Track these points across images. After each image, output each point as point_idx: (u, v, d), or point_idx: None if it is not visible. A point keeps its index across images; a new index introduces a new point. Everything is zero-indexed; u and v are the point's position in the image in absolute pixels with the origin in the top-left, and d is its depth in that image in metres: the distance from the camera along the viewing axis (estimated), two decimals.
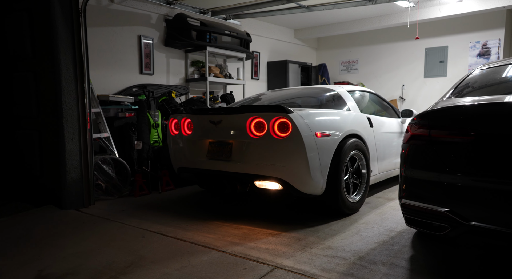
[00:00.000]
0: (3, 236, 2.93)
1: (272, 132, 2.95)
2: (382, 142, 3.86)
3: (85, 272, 2.25)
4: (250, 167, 3.07)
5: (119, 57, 5.50)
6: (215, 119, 3.25)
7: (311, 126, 2.95)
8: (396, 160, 4.17)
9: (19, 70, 3.94)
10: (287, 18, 7.74)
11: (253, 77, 8.03)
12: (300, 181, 2.94)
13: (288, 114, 2.90)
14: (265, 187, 3.11)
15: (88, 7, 4.42)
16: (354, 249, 2.56)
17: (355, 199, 3.38)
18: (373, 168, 3.69)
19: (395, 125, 4.23)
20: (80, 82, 3.73)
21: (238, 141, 3.13)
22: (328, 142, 3.05)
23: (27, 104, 3.89)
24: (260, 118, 3.00)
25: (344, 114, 3.44)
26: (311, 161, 2.90)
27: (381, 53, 8.85)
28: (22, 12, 3.80)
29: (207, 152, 3.33)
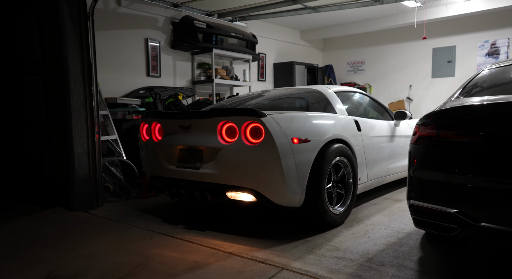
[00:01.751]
0: (14, 237, 2.96)
1: (244, 138, 2.67)
2: (372, 147, 3.55)
3: (94, 273, 2.26)
4: (222, 177, 2.79)
5: (127, 60, 5.54)
6: (184, 124, 3.00)
7: (287, 131, 2.66)
8: (389, 166, 3.89)
9: (29, 73, 3.99)
10: (293, 20, 7.74)
11: (259, 78, 8.04)
12: (275, 192, 2.67)
13: (261, 118, 2.61)
14: (238, 199, 2.80)
15: (96, 11, 4.47)
16: (362, 251, 2.54)
17: (338, 210, 3.05)
18: (361, 175, 3.38)
19: (387, 128, 3.92)
20: (88, 85, 3.77)
21: (209, 147, 2.85)
22: (307, 149, 2.75)
23: (36, 107, 3.94)
24: (231, 123, 2.74)
25: (326, 117, 3.13)
26: (286, 170, 2.61)
27: (388, 54, 8.81)
28: (31, 16, 3.85)
29: (177, 160, 3.06)
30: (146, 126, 3.34)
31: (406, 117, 4.02)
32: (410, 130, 4.31)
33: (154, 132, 3.27)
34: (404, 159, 4.14)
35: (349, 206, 3.17)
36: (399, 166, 4.07)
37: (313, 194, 2.80)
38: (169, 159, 3.14)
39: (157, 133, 3.26)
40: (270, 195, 2.68)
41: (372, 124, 3.67)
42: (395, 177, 4.08)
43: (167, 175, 3.16)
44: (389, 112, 4.23)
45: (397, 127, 4.09)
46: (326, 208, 2.88)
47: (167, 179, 3.17)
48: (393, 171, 3.97)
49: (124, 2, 5.45)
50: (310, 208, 2.83)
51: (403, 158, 4.12)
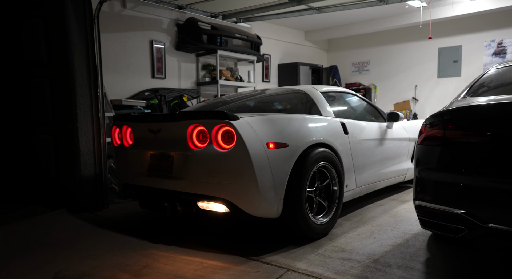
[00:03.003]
0: (21, 239, 2.99)
1: (215, 143, 2.46)
2: (360, 151, 3.32)
3: (100, 275, 2.27)
4: (193, 185, 2.58)
5: (132, 61, 5.57)
6: (154, 128, 2.78)
7: (261, 135, 2.44)
8: (381, 171, 3.65)
9: (35, 76, 4.02)
10: (298, 20, 7.74)
11: (264, 79, 8.04)
12: (248, 202, 2.44)
13: (232, 121, 2.38)
14: (211, 209, 2.58)
15: (101, 13, 4.50)
16: (368, 252, 2.53)
17: (322, 221, 2.79)
18: (349, 181, 3.16)
19: (378, 130, 3.66)
20: (94, 87, 3.80)
21: (180, 153, 2.63)
22: (284, 154, 2.53)
23: (43, 109, 3.97)
24: (202, 127, 2.51)
25: (308, 120, 2.89)
26: (260, 178, 2.38)
27: (393, 54, 8.77)
28: (37, 20, 3.88)
29: (148, 167, 2.84)
30: (117, 130, 3.11)
31: (399, 118, 3.81)
32: (404, 133, 4.08)
33: (126, 137, 3.04)
34: (398, 163, 3.94)
35: (334, 215, 2.92)
36: (392, 170, 3.84)
37: (292, 204, 2.57)
38: (140, 165, 2.91)
39: (128, 138, 3.04)
40: (244, 205, 2.45)
41: (361, 127, 3.44)
42: (388, 183, 3.86)
43: (139, 183, 2.94)
44: (382, 114, 3.99)
45: (390, 130, 3.85)
46: (307, 218, 2.65)
47: (139, 187, 2.95)
48: (385, 176, 3.74)
49: (129, 4, 5.49)
50: (289, 219, 2.60)
51: (396, 162, 3.91)
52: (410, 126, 4.27)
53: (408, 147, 4.12)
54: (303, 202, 2.61)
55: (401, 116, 3.82)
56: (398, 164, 3.94)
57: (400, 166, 3.98)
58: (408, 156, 4.14)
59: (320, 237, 2.79)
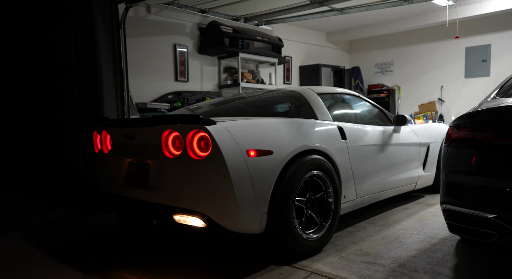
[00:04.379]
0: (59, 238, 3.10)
1: (190, 151, 2.21)
2: (361, 158, 3.03)
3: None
4: (168, 197, 2.36)
5: (156, 65, 5.70)
6: (129, 133, 2.57)
7: (241, 141, 2.20)
8: (387, 180, 3.33)
9: (65, 80, 4.18)
10: (319, 22, 7.69)
11: (285, 81, 8.03)
12: (226, 217, 2.20)
13: (207, 126, 2.14)
14: (188, 224, 2.33)
15: (127, 19, 4.63)
16: (393, 256, 2.48)
17: (313, 237, 2.51)
18: (347, 192, 2.88)
19: (383, 135, 3.34)
20: (120, 91, 3.91)
21: (155, 161, 2.41)
22: (268, 163, 2.28)
23: (71, 112, 4.11)
24: (177, 132, 2.29)
25: (298, 124, 2.63)
26: (238, 189, 2.14)
27: (417, 54, 8.57)
28: (67, 26, 4.04)
29: (125, 175, 2.63)
30: (98, 136, 2.90)
31: (406, 121, 3.47)
32: (414, 137, 3.74)
33: (105, 143, 2.82)
34: (407, 171, 3.61)
35: (328, 230, 2.64)
36: (400, 179, 3.52)
37: (277, 218, 2.31)
38: (118, 173, 2.69)
39: (108, 144, 2.82)
40: (221, 220, 2.20)
41: (362, 131, 3.14)
42: (396, 192, 3.54)
43: (117, 192, 2.73)
44: (390, 117, 3.66)
45: (397, 134, 3.51)
46: (296, 234, 2.38)
47: (117, 197, 2.74)
48: (392, 185, 3.41)
49: (154, 9, 5.62)
50: (275, 235, 2.35)
51: (405, 169, 3.58)
52: (421, 130, 3.93)
53: (418, 153, 3.78)
54: (290, 216, 2.35)
55: (408, 119, 3.49)
56: (407, 171, 3.61)
57: (410, 173, 3.65)
58: (419, 162, 3.81)
59: (312, 254, 2.52)
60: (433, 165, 3.98)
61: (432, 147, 3.95)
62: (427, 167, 3.90)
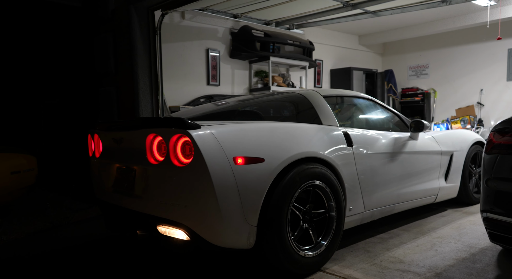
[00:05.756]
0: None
1: (173, 157, 2.06)
2: (370, 167, 2.76)
3: None
4: (152, 206, 2.22)
5: (189, 70, 5.84)
6: (116, 137, 2.46)
7: (228, 148, 2.02)
8: (401, 191, 3.04)
9: (103, 85, 4.38)
10: (351, 25, 7.59)
11: (315, 85, 7.98)
12: (210, 230, 2.02)
13: (190, 130, 1.97)
14: (172, 236, 2.16)
15: (162, 25, 4.79)
16: (429, 265, 2.40)
17: (310, 253, 2.28)
18: (353, 204, 2.64)
19: (396, 142, 3.05)
20: (155, 95, 4.04)
21: (141, 167, 2.27)
22: (258, 172, 2.08)
23: (109, 115, 4.30)
24: (160, 137, 2.14)
25: (296, 129, 2.42)
26: (223, 200, 1.97)
27: (455, 56, 8.26)
28: (107, 34, 4.24)
29: (113, 181, 2.50)
30: (91, 139, 2.79)
31: (424, 127, 3.16)
32: (434, 145, 3.42)
33: (98, 146, 2.71)
34: (426, 181, 3.29)
35: (329, 246, 2.39)
36: (417, 190, 3.21)
37: (268, 233, 2.10)
38: (107, 179, 2.57)
39: (101, 147, 2.69)
40: (205, 233, 2.02)
41: (372, 138, 2.87)
42: (412, 205, 3.25)
43: (106, 199, 2.60)
44: (407, 123, 3.36)
45: (414, 141, 3.21)
46: (290, 250, 2.17)
47: (106, 204, 2.62)
48: (407, 197, 3.12)
49: (188, 15, 5.77)
50: (265, 251, 2.14)
51: (423, 180, 3.27)
52: (443, 137, 3.60)
53: (440, 162, 3.45)
54: (283, 230, 2.14)
55: (426, 125, 3.17)
56: (425, 182, 3.30)
57: (429, 184, 3.34)
58: (440, 173, 3.47)
59: (309, 273, 2.29)
60: (457, 176, 3.65)
61: (456, 156, 3.60)
62: (450, 178, 3.57)
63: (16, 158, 3.68)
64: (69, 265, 2.60)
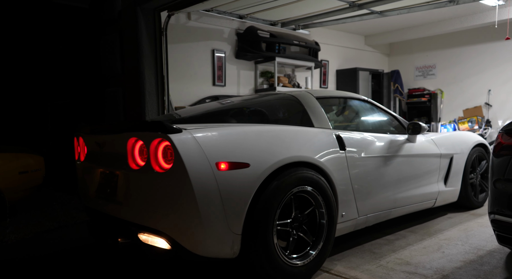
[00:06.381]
0: None
1: (154, 162, 1.98)
2: (364, 171, 2.65)
3: None
4: (133, 213, 2.14)
5: (195, 70, 5.86)
6: (99, 140, 2.39)
7: (210, 153, 1.94)
8: (397, 196, 2.93)
9: (110, 86, 4.41)
10: (357, 25, 7.56)
11: (321, 85, 7.96)
12: (191, 239, 1.93)
13: (170, 134, 1.89)
14: (153, 244, 2.08)
15: (169, 26, 4.81)
16: (436, 267, 2.38)
17: (299, 263, 2.18)
18: (346, 210, 2.53)
19: (393, 145, 2.94)
20: (161, 95, 4.06)
21: (123, 173, 2.20)
22: (243, 177, 1.99)
23: (116, 116, 4.33)
24: (141, 141, 2.06)
25: (284, 132, 2.31)
26: (204, 208, 1.88)
27: (462, 56, 8.19)
28: (114, 34, 4.27)
29: (97, 186, 2.43)
30: (76, 143, 2.71)
31: (421, 130, 3.06)
32: (433, 147, 3.32)
33: (82, 150, 2.64)
34: (424, 185, 3.19)
35: (319, 254, 2.28)
36: (415, 194, 3.11)
37: (254, 242, 2.01)
38: (91, 184, 2.49)
39: (85, 151, 2.62)
40: (186, 242, 1.94)
41: (366, 141, 2.76)
42: (410, 210, 3.14)
43: (91, 205, 2.52)
44: (404, 125, 3.26)
45: (412, 144, 3.11)
46: (276, 260, 2.07)
47: (90, 209, 2.54)
48: (404, 201, 3.02)
49: (194, 16, 5.79)
50: (251, 261, 2.04)
51: (421, 184, 3.16)
52: (442, 139, 3.48)
53: (439, 165, 3.34)
54: (270, 239, 2.04)
55: (424, 127, 3.07)
56: (423, 186, 3.18)
57: (427, 188, 3.23)
58: (439, 176, 3.36)
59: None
60: (458, 179, 3.53)
61: (456, 159, 3.48)
62: (450, 182, 3.45)
63: (24, 158, 3.71)
64: (76, 266, 2.62)
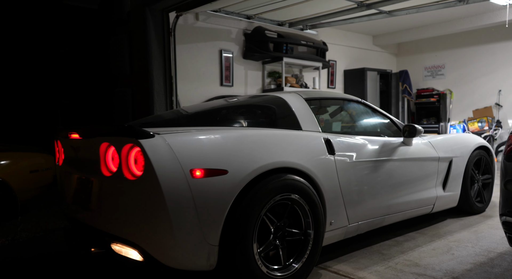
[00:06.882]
0: None
1: (125, 169, 1.87)
2: (355, 176, 2.52)
3: None
4: (105, 222, 2.04)
5: (202, 70, 5.88)
6: (75, 145, 2.30)
7: (184, 159, 1.81)
8: (392, 202, 2.78)
9: (119, 86, 4.45)
10: (365, 25, 7.52)
11: (329, 86, 7.93)
12: (164, 251, 1.81)
13: (140, 139, 1.77)
14: (127, 256, 1.96)
15: (177, 26, 4.83)
16: (445, 269, 2.35)
17: (276, 276, 2.03)
18: (335, 217, 2.39)
19: (386, 148, 2.79)
20: (169, 95, 4.08)
21: (97, 179, 2.09)
22: (219, 185, 1.87)
23: (125, 116, 4.36)
24: (113, 146, 1.96)
25: (266, 136, 2.17)
26: (177, 217, 1.76)
27: (472, 56, 8.10)
28: (123, 35, 4.30)
29: (73, 192, 2.32)
30: (56, 146, 2.61)
31: (416, 132, 2.91)
32: (431, 151, 3.17)
33: (61, 154, 2.53)
34: (420, 190, 3.04)
35: (302, 268, 2.14)
36: (411, 200, 2.96)
37: (232, 253, 1.89)
38: (68, 190, 2.38)
39: (62, 154, 2.52)
40: (158, 254, 1.82)
41: (358, 144, 2.62)
42: (406, 216, 2.98)
43: (68, 211, 2.41)
44: (399, 127, 3.12)
45: (407, 147, 2.95)
46: (256, 273, 1.94)
47: (68, 216, 2.43)
48: (399, 208, 2.87)
49: (202, 17, 5.81)
50: (229, 273, 1.92)
51: (418, 189, 3.01)
52: (441, 142, 3.32)
53: (437, 169, 3.18)
54: (249, 251, 1.92)
55: (419, 130, 2.92)
56: (420, 191, 3.04)
57: (424, 194, 3.08)
58: (437, 181, 3.20)
59: None
60: (457, 184, 3.37)
61: (455, 162, 3.33)
62: (449, 186, 3.29)
63: (34, 157, 3.76)
64: (86, 263, 2.64)
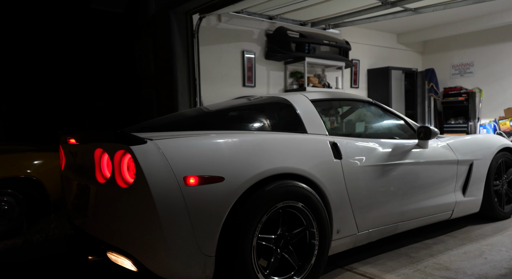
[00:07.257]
0: None
1: (118, 176, 1.82)
2: (364, 182, 2.38)
3: None
4: (101, 230, 2.00)
5: (225, 71, 5.92)
6: (73, 150, 2.28)
7: (177, 166, 1.73)
8: (405, 208, 2.63)
9: (144, 87, 4.54)
10: (389, 23, 7.37)
11: (352, 85, 7.82)
12: (156, 261, 1.75)
13: (131, 146, 1.71)
14: (122, 265, 1.92)
15: (200, 28, 4.89)
16: (478, 273, 2.27)
17: None
18: (343, 225, 2.28)
19: (399, 151, 2.63)
20: (192, 96, 4.14)
21: (93, 186, 2.05)
22: (215, 193, 1.79)
23: (150, 116, 4.45)
24: (106, 152, 1.91)
25: (266, 140, 2.06)
26: (169, 227, 1.69)
27: (503, 53, 7.79)
28: (148, 38, 4.40)
29: (73, 198, 2.29)
30: (59, 151, 2.59)
31: (431, 134, 2.73)
32: (449, 153, 2.98)
33: (62, 158, 2.50)
34: (438, 196, 2.86)
35: (309, 277, 2.05)
36: (427, 206, 2.79)
37: (230, 264, 1.81)
38: (69, 195, 2.36)
39: (64, 160, 2.49)
40: (151, 265, 1.76)
41: (367, 148, 2.47)
42: (421, 222, 2.82)
43: (69, 217, 2.40)
44: (415, 130, 2.94)
45: (422, 150, 2.79)
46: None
47: (70, 224, 2.40)
48: (414, 214, 2.72)
49: (224, 18, 5.85)
50: None
51: (434, 194, 2.84)
52: (460, 144, 3.13)
53: (455, 173, 3.00)
54: (248, 261, 1.83)
55: (434, 132, 2.74)
56: (437, 196, 2.86)
57: (442, 199, 2.90)
58: (457, 185, 3.02)
59: None
60: (479, 188, 3.16)
61: (476, 165, 3.13)
62: (470, 191, 3.10)
63: None
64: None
